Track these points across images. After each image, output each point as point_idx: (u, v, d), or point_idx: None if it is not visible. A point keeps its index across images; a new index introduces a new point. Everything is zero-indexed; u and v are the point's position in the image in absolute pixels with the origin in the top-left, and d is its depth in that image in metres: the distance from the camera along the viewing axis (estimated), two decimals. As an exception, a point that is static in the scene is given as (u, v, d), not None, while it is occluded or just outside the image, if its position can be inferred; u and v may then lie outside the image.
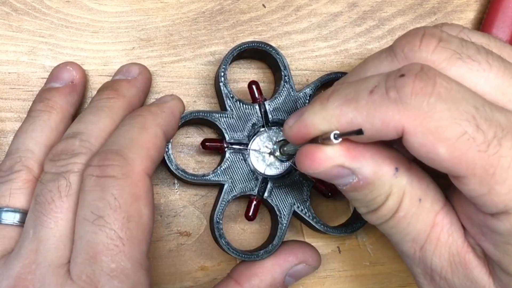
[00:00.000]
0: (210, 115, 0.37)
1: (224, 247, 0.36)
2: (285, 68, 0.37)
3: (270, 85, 0.40)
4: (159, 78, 0.39)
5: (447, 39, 0.29)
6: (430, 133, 0.27)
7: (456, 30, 0.31)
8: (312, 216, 0.37)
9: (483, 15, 0.42)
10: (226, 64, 0.37)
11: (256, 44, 0.37)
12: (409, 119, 0.27)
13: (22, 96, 0.38)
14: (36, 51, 0.39)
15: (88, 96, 0.39)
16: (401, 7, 0.42)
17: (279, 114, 0.37)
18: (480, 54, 0.29)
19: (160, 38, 0.39)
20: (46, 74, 0.38)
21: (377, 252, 0.40)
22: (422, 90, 0.27)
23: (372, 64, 0.31)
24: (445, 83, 0.27)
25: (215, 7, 0.40)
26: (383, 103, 0.28)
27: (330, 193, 0.38)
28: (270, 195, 0.37)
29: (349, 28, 0.41)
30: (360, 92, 0.28)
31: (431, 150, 0.27)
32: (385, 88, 0.28)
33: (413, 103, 0.27)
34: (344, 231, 0.37)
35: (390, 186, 0.30)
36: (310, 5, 0.41)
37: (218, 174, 0.36)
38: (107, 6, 0.39)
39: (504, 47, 0.31)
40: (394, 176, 0.30)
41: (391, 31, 0.41)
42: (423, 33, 0.29)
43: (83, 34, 0.39)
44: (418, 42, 0.29)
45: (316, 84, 0.38)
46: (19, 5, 0.39)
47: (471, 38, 0.31)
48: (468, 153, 0.27)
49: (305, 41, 0.41)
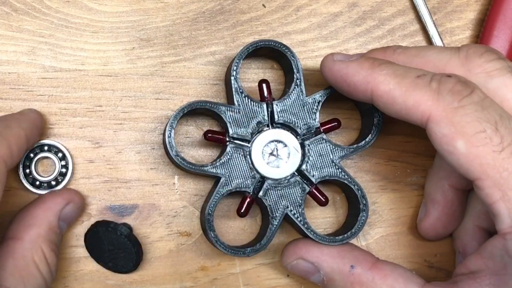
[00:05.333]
0: (217, 107, 0.36)
1: (212, 239, 0.36)
2: (298, 71, 0.37)
3: (278, 85, 0.40)
4: (159, 78, 0.39)
5: (503, 57, 0.34)
6: (452, 125, 0.30)
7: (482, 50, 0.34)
8: (303, 221, 0.37)
9: (483, 15, 0.42)
10: (240, 59, 0.37)
11: (273, 43, 0.37)
12: (438, 108, 0.31)
13: (22, 96, 0.38)
14: (36, 51, 0.39)
15: (87, 96, 0.39)
16: (401, 7, 0.41)
17: (286, 116, 0.37)
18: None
19: (160, 38, 0.39)
20: (46, 74, 0.38)
21: (377, 253, 0.40)
22: (459, 91, 0.31)
23: (435, 50, 0.35)
24: (481, 93, 0.31)
25: (215, 7, 0.40)
26: (424, 88, 0.31)
27: (325, 201, 0.38)
28: (265, 194, 0.37)
29: (349, 28, 0.41)
30: (408, 73, 0.32)
31: (450, 142, 0.30)
32: (430, 78, 0.32)
33: (448, 97, 0.31)
34: (333, 241, 0.36)
35: (351, 282, 0.34)
36: (310, 5, 0.41)
37: (216, 166, 0.36)
38: (107, 6, 0.39)
39: None
40: (350, 273, 0.34)
41: (391, 31, 0.41)
42: (487, 48, 0.34)
43: (83, 34, 0.39)
44: (482, 50, 0.34)
45: (327, 91, 0.38)
46: (19, 5, 0.39)
47: None
48: (484, 150, 0.30)
49: (305, 41, 0.41)
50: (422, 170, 0.41)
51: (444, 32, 0.42)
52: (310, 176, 0.37)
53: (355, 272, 0.34)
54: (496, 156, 0.29)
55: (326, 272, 0.35)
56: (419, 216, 0.40)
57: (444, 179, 0.37)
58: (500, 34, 0.40)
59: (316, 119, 0.37)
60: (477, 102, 0.30)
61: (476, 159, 0.30)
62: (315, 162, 0.37)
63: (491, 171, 0.29)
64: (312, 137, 0.37)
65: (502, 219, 0.30)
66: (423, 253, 0.40)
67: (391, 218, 0.41)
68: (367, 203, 0.37)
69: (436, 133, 0.31)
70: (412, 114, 0.32)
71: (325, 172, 0.37)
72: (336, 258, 0.35)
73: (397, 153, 0.41)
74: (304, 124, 0.37)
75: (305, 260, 0.36)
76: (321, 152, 0.37)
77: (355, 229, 0.37)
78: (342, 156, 0.38)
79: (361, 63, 0.34)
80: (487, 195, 0.30)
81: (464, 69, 0.33)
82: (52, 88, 0.38)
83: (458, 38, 0.42)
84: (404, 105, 0.32)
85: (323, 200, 0.37)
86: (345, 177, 0.37)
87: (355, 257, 0.35)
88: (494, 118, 0.30)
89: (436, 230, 0.39)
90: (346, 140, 0.40)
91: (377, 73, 0.33)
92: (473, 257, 0.33)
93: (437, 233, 0.39)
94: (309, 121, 0.37)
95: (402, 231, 0.41)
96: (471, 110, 0.30)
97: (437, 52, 0.35)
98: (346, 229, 0.37)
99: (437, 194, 0.38)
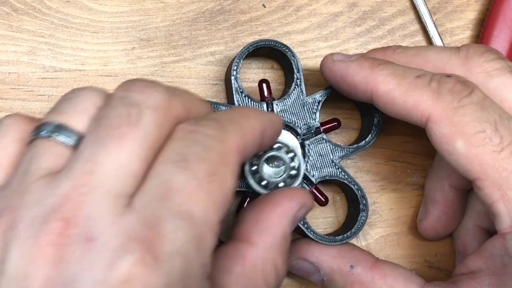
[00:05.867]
0: (217, 106, 0.36)
1: None
2: (298, 71, 0.37)
3: (277, 85, 0.40)
4: (159, 78, 0.39)
5: (503, 57, 0.34)
6: (452, 125, 0.30)
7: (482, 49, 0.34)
8: (303, 221, 0.36)
9: (483, 15, 0.42)
10: (240, 59, 0.37)
11: (273, 43, 0.37)
12: (437, 108, 0.31)
13: (22, 96, 0.38)
14: (36, 51, 0.39)
15: (88, 96, 0.39)
16: (401, 7, 0.41)
17: (286, 115, 0.37)
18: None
19: (160, 38, 0.39)
20: (46, 74, 0.38)
21: (377, 253, 0.40)
22: (459, 91, 0.31)
23: (435, 49, 0.35)
24: (481, 93, 0.31)
25: (215, 7, 0.40)
26: (423, 88, 0.31)
27: (325, 201, 0.38)
28: None
29: (349, 28, 0.41)
30: (408, 73, 0.32)
31: (449, 142, 0.30)
32: (430, 78, 0.32)
33: (447, 97, 0.31)
34: (333, 241, 0.36)
35: (351, 282, 0.34)
36: (310, 5, 0.41)
37: None
38: (107, 6, 0.39)
39: None
40: (350, 272, 0.34)
41: (391, 31, 0.41)
42: (487, 48, 0.34)
43: (83, 34, 0.39)
44: (482, 50, 0.34)
45: (327, 91, 0.38)
46: (19, 5, 0.39)
47: None
48: (482, 150, 0.30)
49: (305, 41, 0.41)
50: (422, 170, 0.41)
51: (444, 32, 0.42)
52: (310, 176, 0.37)
53: (355, 272, 0.34)
54: (496, 156, 0.29)
55: (326, 272, 0.35)
56: (419, 216, 0.40)
57: (444, 179, 0.37)
58: (500, 34, 0.40)
59: (316, 119, 0.37)
60: (476, 102, 0.31)
61: (476, 159, 0.30)
62: (315, 162, 0.37)
63: (490, 171, 0.29)
64: (312, 137, 0.37)
65: (501, 219, 0.30)
66: (423, 253, 0.40)
67: (391, 218, 0.41)
68: (367, 203, 0.37)
69: (436, 133, 0.31)
70: (412, 114, 0.32)
71: (325, 172, 0.37)
72: (336, 258, 0.35)
73: (397, 153, 0.41)
74: (304, 124, 0.37)
75: (305, 260, 0.36)
76: (321, 152, 0.37)
77: (355, 229, 0.37)
78: (342, 156, 0.38)
79: (360, 63, 0.34)
80: (486, 195, 0.30)
81: (464, 68, 0.33)
82: (52, 88, 0.39)
83: (458, 38, 0.42)
84: (403, 105, 0.32)
85: (323, 200, 0.37)
86: (345, 177, 0.37)
87: (355, 257, 0.35)
88: (494, 118, 0.30)
89: (436, 230, 0.39)
90: (346, 140, 0.40)
91: (376, 73, 0.33)
92: (473, 257, 0.33)
93: (437, 233, 0.39)
94: (309, 121, 0.37)
95: (402, 231, 0.41)
96: (470, 110, 0.30)
97: (437, 52, 0.35)
98: (346, 229, 0.37)
99: (437, 194, 0.38)
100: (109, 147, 0.25)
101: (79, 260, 0.23)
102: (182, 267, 0.24)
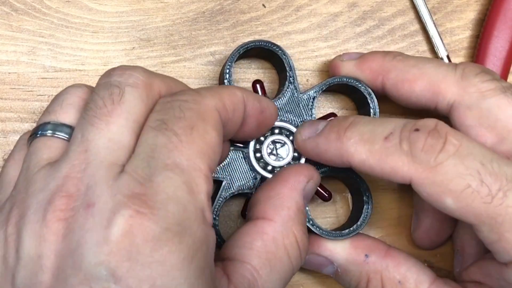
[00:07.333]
0: None
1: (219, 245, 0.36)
2: (290, 69, 0.37)
3: (272, 85, 0.40)
4: (159, 78, 0.39)
5: (498, 78, 0.34)
6: (436, 185, 0.30)
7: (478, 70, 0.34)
8: (308, 218, 0.37)
9: (483, 15, 0.42)
10: (231, 62, 0.37)
11: (263, 44, 0.37)
12: (417, 171, 0.30)
13: (22, 96, 0.38)
14: (36, 51, 0.39)
15: (88, 96, 0.39)
16: (401, 7, 0.42)
17: (282, 114, 0.37)
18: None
19: (160, 38, 0.39)
20: (46, 74, 0.38)
21: (377, 252, 0.40)
22: (432, 147, 0.30)
23: (434, 63, 0.35)
24: (455, 140, 0.30)
25: (215, 7, 0.40)
26: (395, 152, 0.30)
27: (328, 196, 0.38)
28: None
29: (349, 28, 0.41)
30: (376, 136, 0.31)
31: (438, 200, 0.30)
32: (399, 139, 0.31)
33: (422, 158, 0.30)
34: (339, 235, 0.36)
35: (366, 272, 0.34)
36: (310, 5, 0.41)
37: (217, 170, 0.36)
38: (107, 6, 0.39)
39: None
40: (365, 262, 0.35)
41: (391, 31, 0.41)
42: (483, 68, 0.34)
43: (83, 34, 0.39)
44: (478, 70, 0.34)
45: (321, 87, 0.38)
46: (19, 5, 0.39)
47: None
48: (474, 204, 0.29)
49: (305, 41, 0.41)
50: (422, 170, 0.41)
51: (444, 32, 0.42)
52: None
53: (370, 260, 0.35)
54: (487, 207, 0.29)
55: (340, 264, 0.35)
56: (412, 226, 0.40)
57: None
58: (500, 34, 0.40)
59: (313, 115, 0.38)
60: (454, 154, 0.30)
61: (469, 212, 0.30)
62: (315, 159, 0.37)
63: (485, 219, 0.29)
64: (311, 134, 0.38)
65: (500, 256, 0.31)
66: (423, 253, 0.40)
67: (391, 218, 0.41)
68: (370, 195, 0.37)
69: (423, 194, 0.30)
70: (394, 179, 0.31)
71: (325, 167, 0.37)
72: (349, 249, 0.35)
73: (397, 153, 0.41)
74: (301, 121, 0.37)
75: (318, 254, 0.36)
76: (321, 148, 0.37)
77: (360, 221, 0.36)
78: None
79: (327, 136, 0.33)
80: (484, 238, 0.30)
81: (458, 87, 0.34)
82: (52, 88, 0.39)
83: (458, 38, 0.42)
84: (383, 172, 0.31)
85: (326, 196, 0.38)
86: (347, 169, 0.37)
87: (368, 246, 0.35)
88: (476, 168, 0.29)
89: (431, 238, 0.39)
90: (346, 140, 0.40)
91: (345, 143, 0.32)
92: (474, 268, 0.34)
93: (432, 241, 0.39)
94: (305, 118, 0.37)
95: (402, 231, 0.40)
96: (450, 166, 0.29)
97: (435, 66, 0.35)
98: (351, 223, 0.37)
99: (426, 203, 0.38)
100: (98, 125, 0.28)
101: (82, 226, 0.25)
102: (177, 211, 0.26)
